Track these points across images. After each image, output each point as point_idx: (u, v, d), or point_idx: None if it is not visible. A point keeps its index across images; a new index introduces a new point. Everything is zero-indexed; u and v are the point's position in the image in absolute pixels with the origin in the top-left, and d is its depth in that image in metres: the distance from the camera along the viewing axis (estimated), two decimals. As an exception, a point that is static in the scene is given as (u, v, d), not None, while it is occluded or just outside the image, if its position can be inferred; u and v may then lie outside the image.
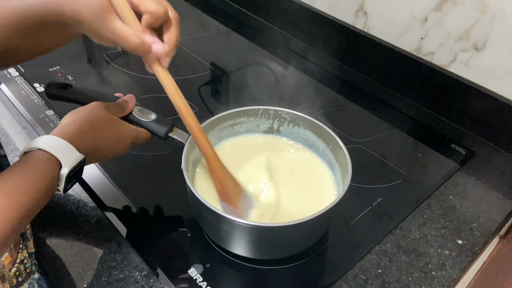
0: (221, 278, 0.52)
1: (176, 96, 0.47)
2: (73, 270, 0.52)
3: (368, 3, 0.85)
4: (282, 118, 0.63)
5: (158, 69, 0.46)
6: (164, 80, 0.46)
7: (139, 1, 0.42)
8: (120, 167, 0.66)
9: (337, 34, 0.92)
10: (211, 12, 1.15)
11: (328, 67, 0.95)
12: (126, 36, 0.42)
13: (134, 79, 0.87)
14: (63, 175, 0.43)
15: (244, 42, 1.04)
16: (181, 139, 0.56)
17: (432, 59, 0.80)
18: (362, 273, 0.54)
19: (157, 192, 0.63)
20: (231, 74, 0.93)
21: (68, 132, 0.46)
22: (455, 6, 0.73)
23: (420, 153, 0.75)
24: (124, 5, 0.42)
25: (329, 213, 0.47)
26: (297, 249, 0.53)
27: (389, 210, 0.62)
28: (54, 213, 0.59)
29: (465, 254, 0.57)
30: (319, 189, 0.57)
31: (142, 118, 0.56)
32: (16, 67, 0.86)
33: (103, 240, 0.55)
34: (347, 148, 0.55)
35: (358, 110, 0.84)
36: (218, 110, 0.75)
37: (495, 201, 0.65)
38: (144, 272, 0.52)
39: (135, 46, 0.43)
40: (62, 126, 0.47)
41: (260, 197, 0.55)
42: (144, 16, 0.43)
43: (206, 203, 0.46)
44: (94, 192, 0.62)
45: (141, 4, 0.42)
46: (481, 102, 0.74)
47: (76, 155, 0.45)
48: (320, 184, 0.58)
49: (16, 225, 0.38)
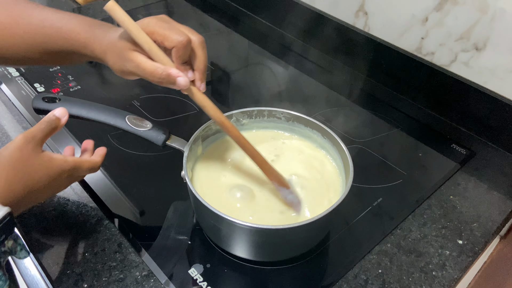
0: (222, 278, 0.52)
1: (218, 113, 0.51)
2: (73, 270, 0.52)
3: (369, 3, 0.85)
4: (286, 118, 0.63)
5: (192, 95, 0.49)
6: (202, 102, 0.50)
7: (163, 38, 0.45)
8: (120, 167, 0.66)
9: (338, 34, 0.92)
10: (211, 12, 1.15)
11: (328, 67, 0.95)
12: (152, 70, 0.46)
13: (134, 79, 0.87)
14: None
15: (244, 42, 1.04)
16: (179, 146, 0.55)
17: (432, 59, 0.80)
18: (363, 273, 0.54)
19: (158, 192, 0.63)
20: (231, 74, 0.93)
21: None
22: (455, 6, 0.72)
23: (420, 153, 0.74)
24: (151, 43, 0.45)
25: (332, 215, 0.47)
26: (299, 251, 0.53)
27: (389, 210, 0.62)
28: (54, 213, 0.59)
29: (466, 254, 0.57)
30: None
31: (138, 127, 0.55)
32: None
33: (103, 240, 0.55)
34: (347, 148, 0.55)
35: (358, 110, 0.84)
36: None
37: (496, 201, 0.65)
38: (144, 272, 0.52)
39: (161, 78, 0.46)
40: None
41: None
42: (173, 51, 0.45)
43: (207, 204, 0.46)
44: (95, 192, 0.62)
45: (166, 40, 0.45)
46: (481, 102, 0.74)
47: (0, 211, 0.39)
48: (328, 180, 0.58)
49: None
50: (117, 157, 0.68)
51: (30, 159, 0.44)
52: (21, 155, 0.43)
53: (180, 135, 0.57)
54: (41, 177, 0.45)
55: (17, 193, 0.42)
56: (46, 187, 0.46)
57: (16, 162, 0.43)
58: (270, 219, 0.52)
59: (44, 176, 0.45)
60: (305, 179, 0.57)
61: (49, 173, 0.45)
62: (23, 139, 0.44)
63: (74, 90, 0.82)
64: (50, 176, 0.45)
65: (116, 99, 0.82)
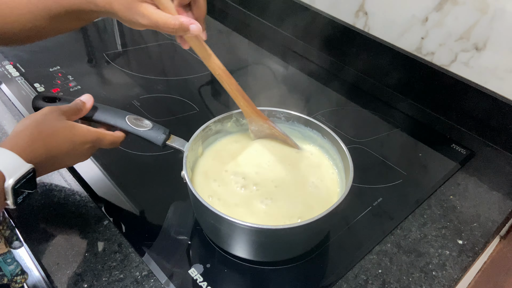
0: (222, 278, 0.52)
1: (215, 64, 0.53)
2: (73, 270, 0.52)
3: (369, 3, 0.85)
4: (285, 118, 0.63)
5: (195, 44, 0.50)
6: (202, 52, 0.51)
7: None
8: (120, 167, 0.66)
9: (338, 34, 0.92)
10: (211, 12, 1.15)
11: (328, 67, 0.95)
12: (165, 21, 0.46)
13: (134, 79, 0.87)
14: (8, 188, 0.41)
15: (244, 42, 1.04)
16: (179, 146, 0.55)
17: (432, 59, 0.80)
18: (363, 273, 0.54)
19: (158, 192, 0.63)
20: (232, 74, 0.93)
21: (17, 142, 0.44)
22: (455, 6, 0.72)
23: (420, 153, 0.74)
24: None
25: (331, 215, 0.47)
26: (299, 251, 0.53)
27: (389, 210, 0.62)
28: (54, 213, 0.59)
29: (466, 254, 0.57)
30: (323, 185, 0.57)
31: (137, 127, 0.55)
32: (16, 67, 0.86)
33: (103, 240, 0.55)
34: (347, 148, 0.55)
35: (358, 110, 0.84)
36: (219, 110, 0.75)
37: (496, 201, 0.65)
38: (144, 272, 0.52)
39: (174, 29, 0.46)
40: (12, 135, 0.45)
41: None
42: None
43: (207, 204, 0.46)
44: (95, 192, 0.62)
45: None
46: (481, 102, 0.74)
47: (24, 167, 0.42)
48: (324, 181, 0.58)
49: None
50: (117, 157, 0.68)
51: (54, 122, 0.47)
52: (45, 118, 0.47)
53: (180, 135, 0.57)
54: (63, 141, 0.47)
55: (39, 152, 0.44)
56: (68, 154, 0.48)
57: (40, 123, 0.46)
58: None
59: (67, 142, 0.47)
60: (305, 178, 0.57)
61: (72, 138, 0.48)
62: (49, 108, 0.48)
63: (74, 90, 0.82)
64: (72, 141, 0.48)
65: (116, 99, 0.82)
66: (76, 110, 0.52)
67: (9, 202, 0.42)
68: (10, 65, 0.87)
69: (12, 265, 0.50)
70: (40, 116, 0.47)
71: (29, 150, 0.43)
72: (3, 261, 0.49)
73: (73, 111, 0.51)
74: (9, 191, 0.41)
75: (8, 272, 0.50)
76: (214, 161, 0.59)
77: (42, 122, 0.46)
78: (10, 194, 0.41)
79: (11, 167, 0.41)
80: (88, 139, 0.50)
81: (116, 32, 1.04)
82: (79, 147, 0.49)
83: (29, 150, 0.43)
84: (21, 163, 0.42)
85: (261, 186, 0.56)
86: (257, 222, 0.46)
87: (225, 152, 0.61)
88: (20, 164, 0.42)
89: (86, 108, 0.53)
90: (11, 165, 0.41)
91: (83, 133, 0.50)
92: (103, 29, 1.04)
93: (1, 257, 0.49)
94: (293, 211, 0.53)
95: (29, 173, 0.42)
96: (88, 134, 0.50)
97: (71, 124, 0.49)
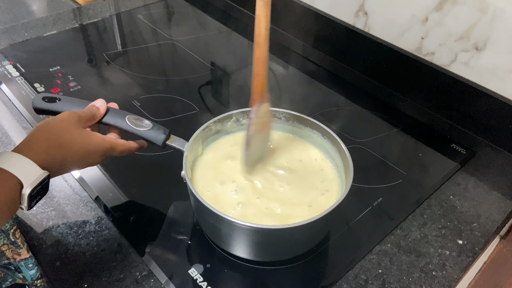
0: (222, 278, 0.52)
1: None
2: (73, 270, 0.52)
3: (369, 3, 0.85)
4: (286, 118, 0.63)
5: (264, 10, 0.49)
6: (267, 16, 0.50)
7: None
8: (120, 167, 0.66)
9: (338, 34, 0.92)
10: (211, 12, 1.15)
11: (328, 67, 0.95)
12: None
13: (134, 79, 0.87)
14: (25, 195, 0.41)
15: (244, 42, 1.04)
16: (179, 146, 0.55)
17: (432, 59, 0.80)
18: (363, 273, 0.54)
19: (158, 192, 0.63)
20: (232, 74, 0.93)
21: (32, 148, 0.44)
22: (455, 6, 0.72)
23: (420, 153, 0.74)
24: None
25: (331, 215, 0.47)
26: (299, 251, 0.53)
27: (389, 210, 0.62)
28: (54, 213, 0.59)
29: (466, 254, 0.57)
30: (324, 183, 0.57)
31: (138, 127, 0.55)
32: (16, 67, 0.86)
33: (103, 240, 0.55)
34: (347, 148, 0.55)
35: (358, 110, 0.84)
36: (219, 110, 0.75)
37: (496, 201, 0.65)
38: (144, 272, 0.52)
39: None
40: (28, 140, 0.45)
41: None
42: None
43: (207, 204, 0.46)
44: (95, 192, 0.62)
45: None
46: (481, 102, 0.74)
47: (39, 173, 0.42)
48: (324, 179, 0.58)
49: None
50: (117, 157, 0.68)
51: (71, 129, 0.48)
52: (63, 124, 0.47)
53: (180, 135, 0.57)
54: (79, 149, 0.48)
55: (54, 158, 0.45)
56: (81, 160, 0.49)
57: (58, 129, 0.47)
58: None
59: (82, 149, 0.48)
60: (304, 178, 0.57)
61: (87, 147, 0.49)
62: (67, 113, 0.49)
63: (74, 90, 0.82)
64: (87, 150, 0.49)
65: (116, 99, 0.81)
66: (91, 117, 0.52)
67: (23, 207, 0.42)
68: (10, 65, 0.87)
69: (33, 270, 0.52)
70: (57, 122, 0.47)
71: (44, 156, 0.44)
72: (25, 265, 0.50)
73: (88, 118, 0.52)
74: (25, 198, 0.41)
75: (29, 277, 0.51)
76: (214, 161, 0.59)
77: (59, 129, 0.47)
78: (25, 200, 0.41)
79: (28, 175, 0.41)
80: (101, 149, 0.50)
81: (116, 32, 1.04)
82: (92, 156, 0.50)
83: (44, 155, 0.44)
84: (38, 170, 0.42)
85: (261, 185, 0.56)
86: (257, 222, 0.46)
87: (225, 152, 0.61)
88: (36, 171, 0.42)
89: (100, 113, 0.54)
90: (28, 173, 0.41)
91: (98, 142, 0.50)
92: (103, 29, 1.04)
93: (23, 261, 0.49)
94: (293, 211, 0.53)
95: (45, 180, 0.43)
96: (102, 143, 0.51)
97: (88, 133, 0.50)
